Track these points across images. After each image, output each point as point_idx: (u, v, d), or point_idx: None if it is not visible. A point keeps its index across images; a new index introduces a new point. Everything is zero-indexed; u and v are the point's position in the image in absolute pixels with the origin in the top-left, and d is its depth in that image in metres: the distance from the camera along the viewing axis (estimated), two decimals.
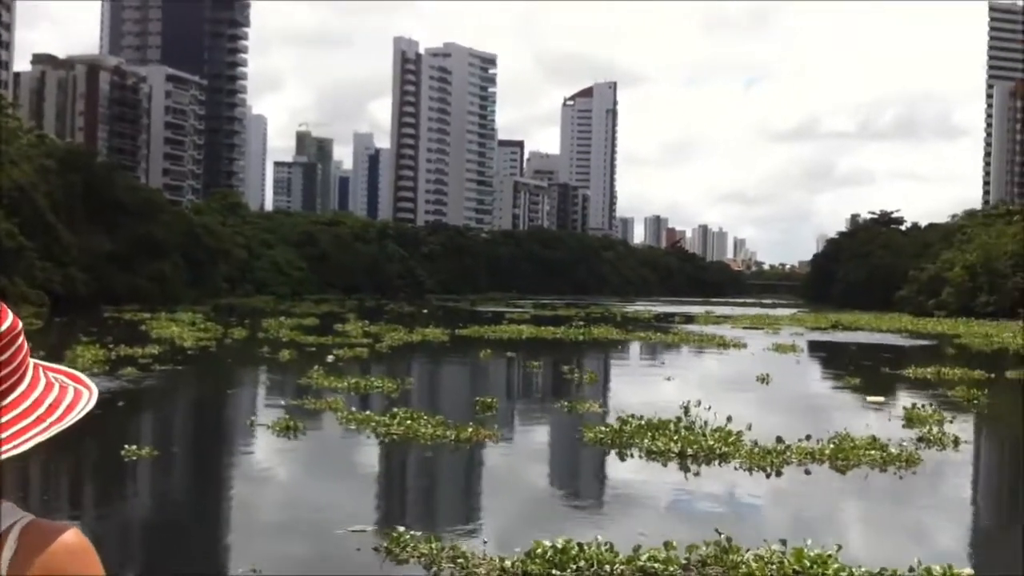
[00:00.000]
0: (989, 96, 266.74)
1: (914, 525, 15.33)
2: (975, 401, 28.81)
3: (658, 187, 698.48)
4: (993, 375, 37.13)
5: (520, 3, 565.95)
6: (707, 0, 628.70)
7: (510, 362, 40.73)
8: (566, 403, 25.26)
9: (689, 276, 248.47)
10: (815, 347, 52.69)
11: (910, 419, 24.38)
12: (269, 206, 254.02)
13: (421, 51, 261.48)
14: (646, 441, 19.44)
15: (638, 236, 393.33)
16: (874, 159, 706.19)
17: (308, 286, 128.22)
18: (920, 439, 21.16)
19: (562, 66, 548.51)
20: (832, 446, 19.21)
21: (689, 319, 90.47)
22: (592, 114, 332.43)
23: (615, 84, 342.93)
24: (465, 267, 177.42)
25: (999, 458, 24.07)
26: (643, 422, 20.80)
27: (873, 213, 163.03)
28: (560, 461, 20.91)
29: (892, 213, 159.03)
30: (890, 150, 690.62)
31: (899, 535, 14.27)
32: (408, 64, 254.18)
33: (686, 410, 20.96)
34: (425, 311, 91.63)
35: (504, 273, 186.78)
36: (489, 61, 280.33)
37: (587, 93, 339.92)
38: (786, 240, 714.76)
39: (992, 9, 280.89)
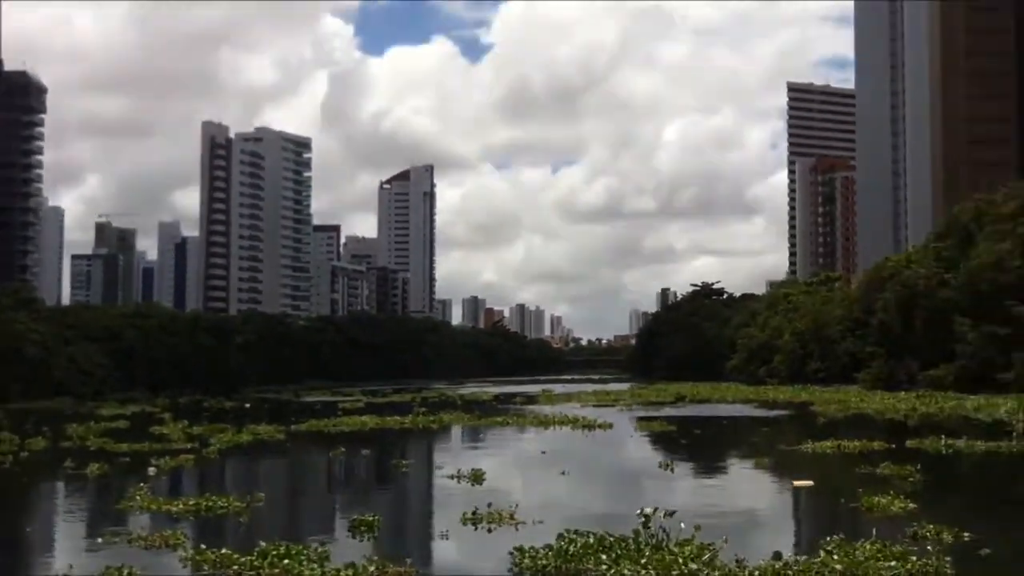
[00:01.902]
0: (791, 172, 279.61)
1: None
2: (911, 479, 25.60)
3: (474, 268, 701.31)
4: (894, 445, 34.57)
5: (330, 89, 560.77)
6: (514, 87, 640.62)
7: (369, 461, 35.43)
8: (471, 514, 20.34)
9: (511, 355, 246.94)
10: (684, 423, 49.49)
11: (871, 508, 20.77)
12: (67, 300, 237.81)
13: (231, 135, 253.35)
14: (605, 568, 14.83)
15: (456, 317, 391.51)
16: (676, 236, 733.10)
17: (112, 384, 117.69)
18: (917, 536, 17.36)
19: (374, 151, 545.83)
20: (837, 558, 15.10)
21: (530, 399, 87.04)
22: (409, 197, 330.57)
23: (431, 167, 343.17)
24: (283, 356, 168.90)
25: None
26: (591, 540, 16.18)
27: (695, 285, 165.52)
28: None
29: (713, 284, 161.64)
30: (690, 227, 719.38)
31: None
32: (218, 149, 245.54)
33: (646, 520, 16.45)
34: (247, 405, 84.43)
35: (325, 361, 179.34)
36: (303, 145, 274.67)
37: (404, 176, 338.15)
38: (600, 316, 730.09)
39: (791, 89, 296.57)
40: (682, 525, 16.46)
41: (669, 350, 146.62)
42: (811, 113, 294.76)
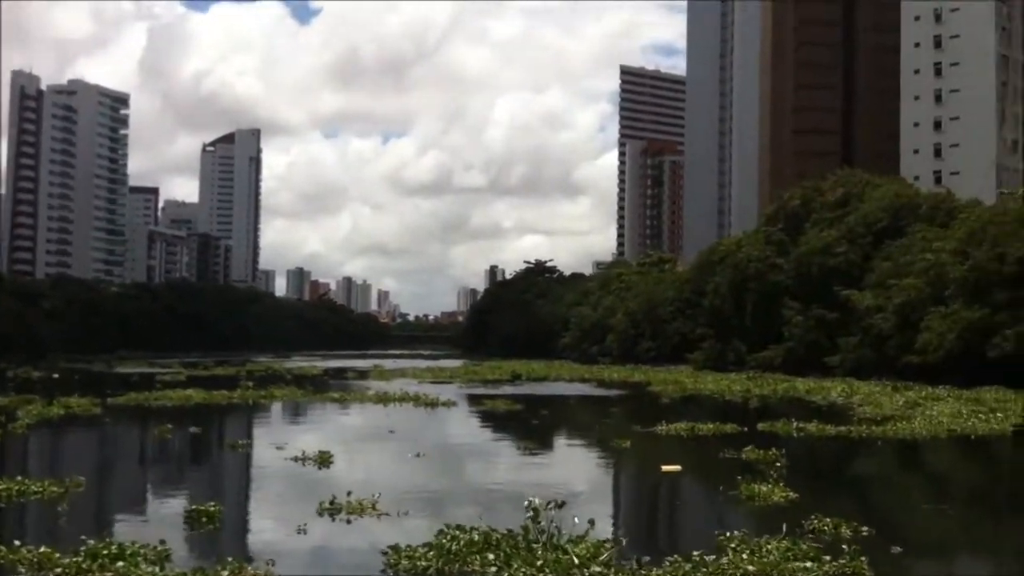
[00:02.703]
0: (622, 154, 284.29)
1: None
2: (777, 464, 24.85)
3: (299, 239, 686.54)
4: (746, 428, 34.14)
5: (149, 44, 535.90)
6: (343, 53, 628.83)
7: (200, 439, 32.53)
8: (329, 504, 18.16)
9: (337, 328, 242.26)
10: (530, 402, 48.29)
11: (752, 496, 19.71)
12: None
13: (43, 87, 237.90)
14: (494, 570, 13.03)
15: (280, 288, 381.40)
16: (504, 213, 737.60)
17: None
18: (815, 531, 16.25)
19: (196, 112, 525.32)
20: (747, 558, 13.75)
21: (362, 374, 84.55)
22: (234, 161, 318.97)
23: (259, 131, 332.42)
24: (95, 324, 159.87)
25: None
26: (475, 536, 14.32)
27: (528, 263, 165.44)
28: None
29: (546, 263, 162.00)
30: (518, 205, 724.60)
31: None
32: (27, 101, 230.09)
33: (535, 514, 14.68)
34: (56, 376, 78.62)
35: (140, 330, 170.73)
36: (120, 101, 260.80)
37: (229, 139, 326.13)
38: (427, 292, 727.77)
39: (623, 72, 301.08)
40: (575, 519, 14.79)
41: (501, 327, 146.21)
42: (642, 97, 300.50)
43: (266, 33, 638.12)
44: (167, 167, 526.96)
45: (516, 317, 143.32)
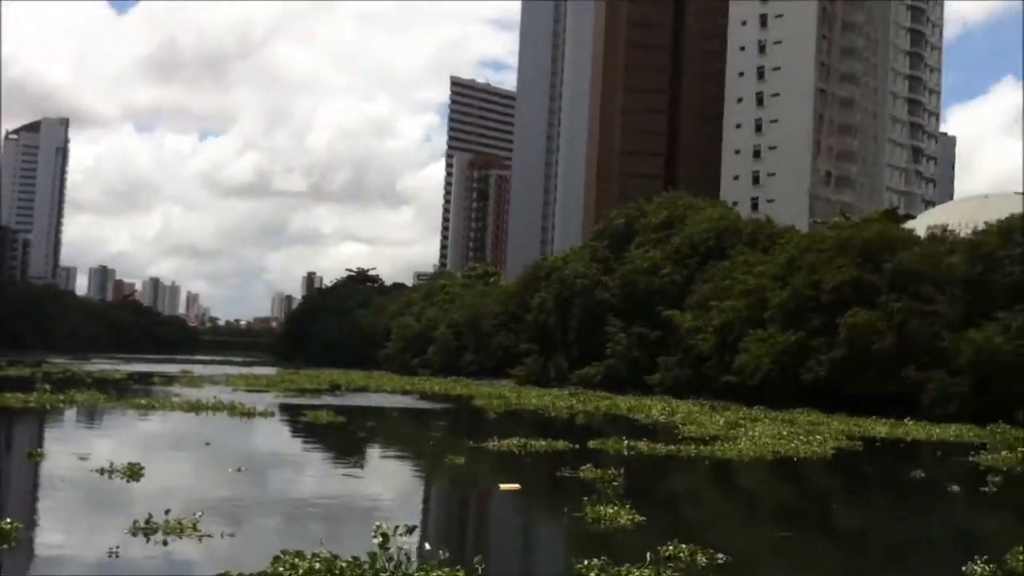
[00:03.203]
0: (449, 165, 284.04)
1: None
2: (614, 483, 24.21)
3: (104, 236, 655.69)
4: (577, 445, 33.60)
5: None
6: (162, 45, 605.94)
7: None
8: (144, 522, 16.16)
9: (143, 331, 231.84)
10: (353, 414, 46.48)
11: (599, 518, 18.87)
12: None
13: None
14: None
15: (81, 287, 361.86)
16: (324, 220, 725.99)
17: None
18: (672, 558, 15.49)
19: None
20: None
21: (170, 380, 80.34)
22: (39, 151, 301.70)
23: (67, 121, 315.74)
24: None
25: None
26: (317, 565, 12.78)
27: (350, 270, 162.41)
28: None
29: (368, 271, 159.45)
30: (339, 212, 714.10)
31: None
32: None
33: (384, 540, 13.25)
34: None
35: None
36: None
37: (34, 127, 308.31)
38: (240, 296, 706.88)
39: (454, 83, 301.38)
40: (427, 545, 13.44)
41: (320, 335, 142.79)
42: (471, 110, 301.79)
43: (79, 18, 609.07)
44: None
45: (335, 326, 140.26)
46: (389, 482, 26.51)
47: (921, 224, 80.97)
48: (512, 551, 16.92)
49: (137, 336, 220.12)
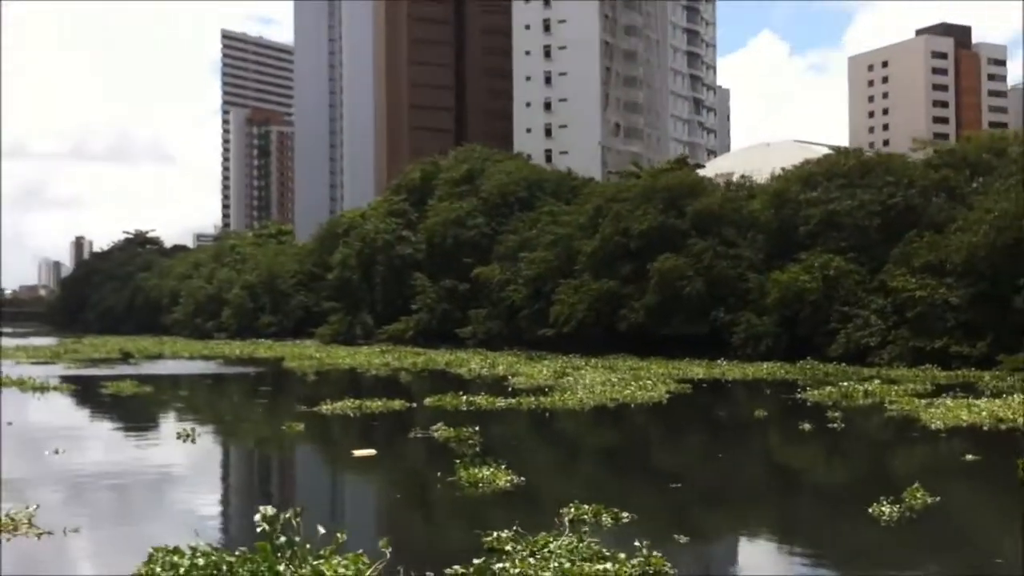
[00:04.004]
0: (225, 122, 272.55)
1: None
2: (470, 441, 23.02)
3: None
4: (414, 404, 32.29)
5: None
6: None
7: None
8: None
9: None
10: (159, 383, 43.27)
11: (475, 482, 17.58)
12: None
13: None
14: None
15: None
16: (88, 182, 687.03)
17: None
18: (575, 521, 14.36)
19: None
20: (536, 562, 11.55)
21: None
22: None
23: None
24: None
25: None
26: (201, 559, 10.82)
27: (128, 233, 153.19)
28: None
29: (147, 233, 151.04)
30: (104, 173, 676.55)
31: None
32: None
33: (272, 525, 11.41)
34: None
35: None
36: None
37: None
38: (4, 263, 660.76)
39: (225, 36, 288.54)
40: (320, 528, 11.69)
41: (99, 302, 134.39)
42: (246, 64, 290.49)
43: None
44: None
45: (117, 291, 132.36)
46: (233, 456, 24.40)
47: (709, 172, 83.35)
48: (402, 527, 15.35)
49: None
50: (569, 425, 28.83)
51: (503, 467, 18.21)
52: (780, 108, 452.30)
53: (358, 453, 21.89)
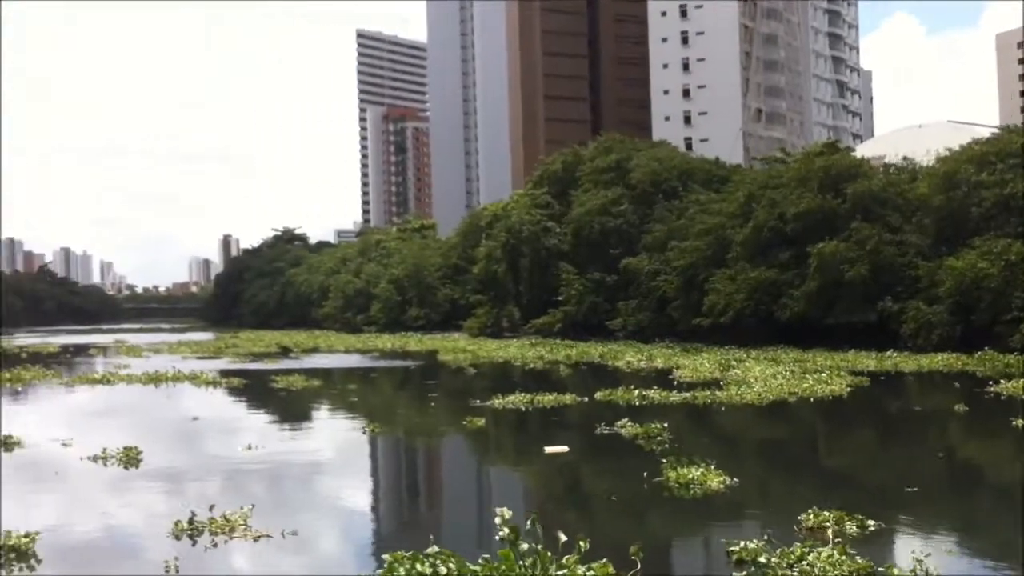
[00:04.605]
0: (362, 120, 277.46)
1: None
2: (659, 438, 22.26)
3: (5, 208, 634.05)
4: (585, 398, 31.68)
5: None
6: None
7: None
8: (187, 523, 13.62)
9: (61, 303, 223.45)
10: (327, 377, 43.89)
11: (686, 483, 16.79)
12: None
13: None
14: None
15: None
16: (229, 182, 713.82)
17: None
18: (814, 529, 13.48)
19: None
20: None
21: (106, 351, 76.57)
22: None
23: None
24: None
25: None
26: (441, 568, 10.39)
27: (276, 230, 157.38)
28: None
29: (295, 230, 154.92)
30: (243, 173, 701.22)
31: None
32: None
33: (514, 534, 10.96)
34: None
35: None
36: None
37: None
38: (153, 262, 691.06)
39: (360, 36, 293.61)
40: (561, 535, 11.10)
41: (253, 298, 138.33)
42: (381, 62, 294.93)
43: None
44: None
45: (267, 287, 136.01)
46: (425, 454, 24.19)
47: (860, 155, 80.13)
48: (629, 532, 14.69)
49: (54, 308, 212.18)
50: (754, 421, 27.73)
51: (712, 467, 17.44)
52: (919, 89, 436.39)
53: (550, 450, 21.42)
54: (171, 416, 29.86)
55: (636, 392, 31.68)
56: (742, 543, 12.06)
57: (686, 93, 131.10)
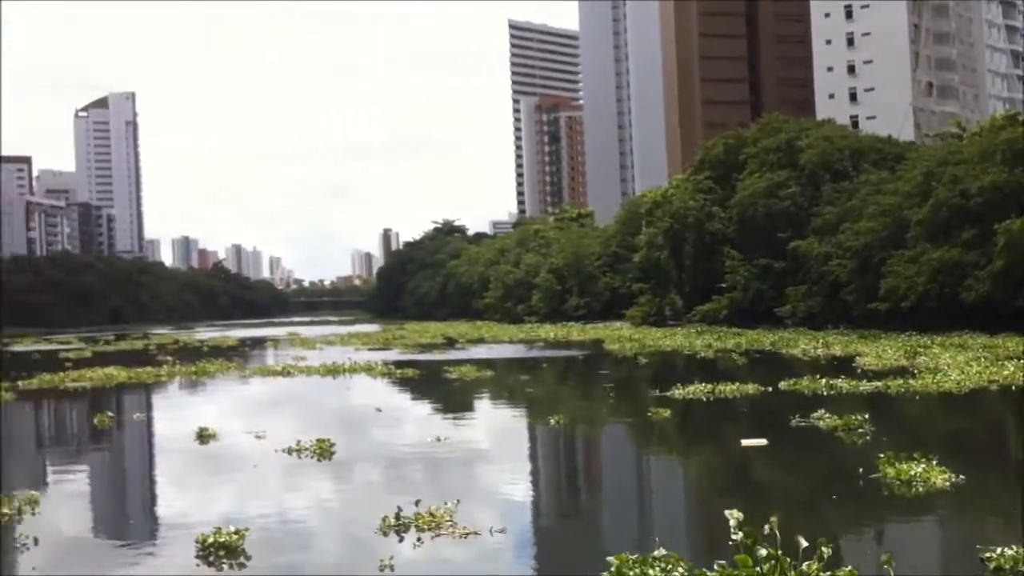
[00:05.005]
0: (516, 111, 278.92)
1: None
2: (860, 430, 21.09)
3: (180, 207, 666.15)
4: (769, 388, 30.52)
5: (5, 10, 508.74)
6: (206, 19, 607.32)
7: (154, 430, 27.24)
8: (394, 519, 13.47)
9: (235, 298, 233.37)
10: (500, 367, 43.97)
11: (908, 480, 15.71)
12: None
13: None
14: None
15: (166, 258, 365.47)
16: (389, 177, 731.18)
17: None
18: None
19: (53, 78, 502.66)
20: None
21: (281, 344, 79.12)
22: (110, 126, 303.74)
23: (133, 94, 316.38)
24: None
25: None
26: (677, 573, 9.83)
27: (436, 222, 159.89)
28: None
29: (453, 222, 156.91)
30: (403, 168, 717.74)
31: None
32: None
33: (751, 540, 10.33)
34: None
35: (22, 305, 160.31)
36: None
37: (103, 104, 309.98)
38: (317, 256, 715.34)
39: (512, 27, 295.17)
40: (802, 540, 10.34)
41: (416, 289, 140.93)
42: (532, 52, 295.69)
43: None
44: (31, 136, 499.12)
45: (429, 278, 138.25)
46: (621, 448, 23.55)
47: None
48: (859, 535, 13.80)
49: (228, 302, 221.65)
50: (957, 411, 26.12)
51: (934, 463, 16.30)
52: None
53: (747, 443, 20.58)
54: (354, 407, 30.29)
55: (823, 381, 30.39)
56: (999, 549, 11.05)
57: (851, 69, 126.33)
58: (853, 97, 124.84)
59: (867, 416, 22.06)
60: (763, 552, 9.64)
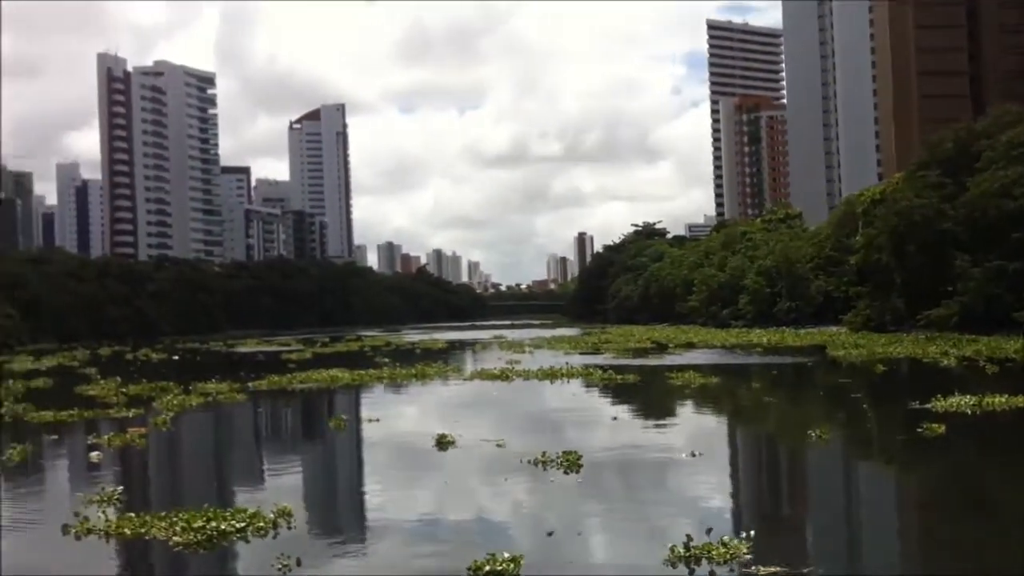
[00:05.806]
0: (714, 112, 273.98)
1: None
2: None
3: (384, 214, 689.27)
4: None
5: (222, 26, 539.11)
6: (411, 28, 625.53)
7: (391, 434, 27.20)
8: (683, 548, 12.35)
9: (436, 301, 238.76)
10: (723, 374, 42.33)
11: None
12: None
13: (130, 69, 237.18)
14: None
15: (372, 263, 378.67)
16: (583, 181, 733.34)
17: (19, 336, 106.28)
18: None
19: (271, 91, 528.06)
20: None
21: (488, 347, 79.67)
22: (322, 137, 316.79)
23: (343, 106, 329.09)
24: (200, 304, 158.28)
25: None
26: None
27: (636, 225, 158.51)
28: None
29: (654, 224, 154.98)
30: (596, 172, 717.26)
31: None
32: (116, 84, 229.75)
33: None
34: (176, 358, 75.05)
35: (243, 308, 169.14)
36: (207, 80, 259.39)
37: (315, 115, 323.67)
38: (514, 261, 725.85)
39: (711, 27, 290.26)
40: None
41: (617, 293, 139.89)
42: (732, 52, 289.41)
43: (332, 9, 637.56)
44: (251, 147, 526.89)
45: (630, 281, 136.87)
46: (904, 472, 21.17)
47: None
48: None
49: (431, 305, 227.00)
50: None
51: None
52: None
53: None
54: (587, 416, 29.39)
55: None
56: None
57: None
58: None
59: None
60: None
